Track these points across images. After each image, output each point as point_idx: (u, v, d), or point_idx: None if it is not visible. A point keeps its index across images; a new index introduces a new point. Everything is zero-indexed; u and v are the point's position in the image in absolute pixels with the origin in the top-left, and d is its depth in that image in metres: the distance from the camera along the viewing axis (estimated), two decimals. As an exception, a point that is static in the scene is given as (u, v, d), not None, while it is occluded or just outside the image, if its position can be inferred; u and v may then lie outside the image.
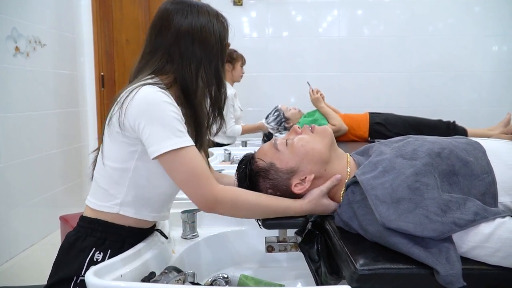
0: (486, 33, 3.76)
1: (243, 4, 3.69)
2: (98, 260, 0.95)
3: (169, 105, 0.91)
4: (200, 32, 1.01)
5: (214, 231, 1.28)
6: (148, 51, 1.03)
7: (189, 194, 0.92)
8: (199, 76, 1.00)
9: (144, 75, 1.00)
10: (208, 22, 1.02)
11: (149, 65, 1.02)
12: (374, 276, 0.72)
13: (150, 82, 0.95)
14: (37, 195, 2.85)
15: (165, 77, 1.01)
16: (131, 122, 0.91)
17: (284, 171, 0.96)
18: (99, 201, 1.00)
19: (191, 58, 1.00)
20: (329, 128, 1.01)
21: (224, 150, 2.32)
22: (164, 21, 1.01)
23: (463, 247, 0.75)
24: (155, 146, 0.89)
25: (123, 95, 0.94)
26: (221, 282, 1.05)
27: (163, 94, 0.92)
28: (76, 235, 1.00)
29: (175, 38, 1.00)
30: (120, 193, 0.97)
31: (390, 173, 0.83)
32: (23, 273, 2.34)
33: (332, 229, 0.93)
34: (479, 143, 0.92)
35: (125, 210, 0.98)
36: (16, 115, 2.64)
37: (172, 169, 0.91)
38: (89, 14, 3.62)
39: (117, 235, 0.98)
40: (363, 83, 3.81)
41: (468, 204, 0.76)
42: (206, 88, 1.03)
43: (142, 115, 0.90)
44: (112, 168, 0.97)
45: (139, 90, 0.92)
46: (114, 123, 0.94)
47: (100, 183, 1.00)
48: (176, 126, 0.90)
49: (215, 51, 1.04)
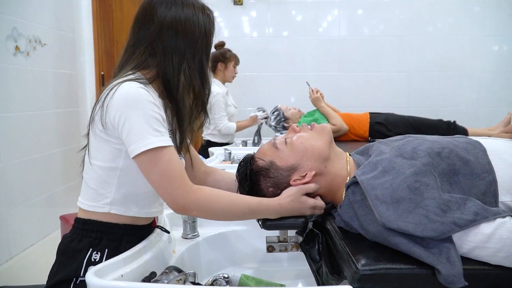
0: (486, 33, 3.76)
1: (243, 4, 3.68)
2: (96, 260, 0.95)
3: (148, 103, 0.90)
4: (184, 24, 0.98)
5: (214, 230, 1.27)
6: (131, 44, 1.01)
7: (161, 195, 0.92)
8: (181, 71, 0.98)
9: (127, 69, 0.99)
10: (193, 14, 1.00)
11: (132, 60, 1.00)
12: (376, 276, 0.72)
13: (131, 78, 0.94)
14: (37, 195, 2.85)
15: (147, 71, 0.99)
16: (111, 120, 0.90)
17: (285, 168, 0.96)
18: (89, 201, 0.99)
19: (174, 52, 0.98)
20: (328, 126, 1.01)
21: (225, 150, 2.32)
22: (147, 13, 0.99)
23: (464, 247, 0.75)
24: (133, 145, 0.88)
25: (104, 92, 0.93)
26: (222, 282, 1.04)
27: (143, 91, 0.90)
28: (71, 237, 1.00)
29: (158, 31, 0.98)
30: (110, 192, 0.97)
31: (390, 173, 0.83)
32: (23, 273, 2.34)
33: (333, 229, 0.93)
34: (480, 142, 0.92)
35: (116, 209, 0.98)
36: (16, 114, 2.63)
37: (146, 169, 0.90)
38: (89, 13, 3.62)
39: (113, 234, 0.98)
40: (363, 83, 3.81)
41: (468, 204, 0.76)
42: (188, 83, 1.00)
43: (121, 114, 0.89)
44: (100, 167, 0.97)
45: (118, 87, 0.90)
46: (97, 122, 0.93)
47: (89, 183, 0.99)
48: (154, 125, 0.89)
49: (199, 45, 1.01)
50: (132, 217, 1.00)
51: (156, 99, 0.96)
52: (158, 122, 0.90)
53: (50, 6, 3.06)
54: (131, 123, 0.88)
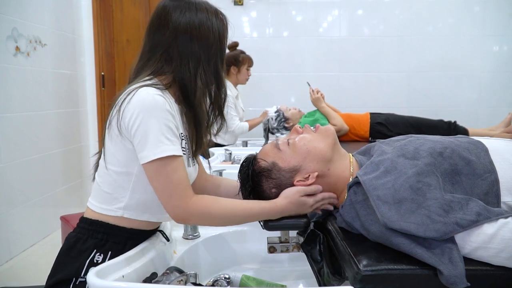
0: (486, 33, 3.76)
1: (244, 4, 3.68)
2: (98, 262, 0.95)
3: (163, 111, 0.90)
4: (198, 29, 0.99)
5: (215, 231, 1.27)
6: (147, 49, 1.02)
7: (162, 204, 0.92)
8: (197, 75, 0.99)
9: (144, 75, 0.99)
10: (207, 19, 1.01)
11: (148, 66, 1.01)
12: (377, 277, 0.72)
13: (149, 84, 0.94)
14: (37, 195, 2.85)
15: (164, 77, 1.00)
16: (126, 124, 0.91)
17: (287, 170, 0.96)
18: (102, 204, 0.99)
19: (190, 57, 0.99)
20: (332, 128, 1.01)
21: (225, 150, 2.31)
22: (162, 19, 1.00)
23: (466, 248, 0.75)
24: (144, 153, 0.89)
25: (121, 97, 0.93)
26: (223, 283, 1.04)
27: (160, 98, 0.91)
28: (76, 236, 0.99)
29: (173, 36, 0.98)
30: (124, 196, 0.97)
31: (392, 173, 0.83)
32: (24, 273, 2.33)
33: (334, 229, 0.92)
34: (481, 142, 0.92)
35: (129, 213, 0.98)
36: (16, 115, 2.63)
37: (152, 176, 0.91)
38: (89, 14, 3.61)
39: (118, 237, 0.98)
40: (363, 83, 3.81)
41: (470, 205, 0.76)
42: (205, 87, 1.01)
43: (136, 119, 0.89)
44: (116, 172, 0.97)
45: (136, 92, 0.91)
46: (113, 126, 0.94)
47: (103, 187, 0.99)
48: (166, 134, 0.89)
49: (214, 49, 1.02)
50: (141, 222, 0.99)
51: (173, 105, 0.97)
52: (170, 131, 0.91)
53: (50, 6, 3.06)
54: (145, 130, 0.89)
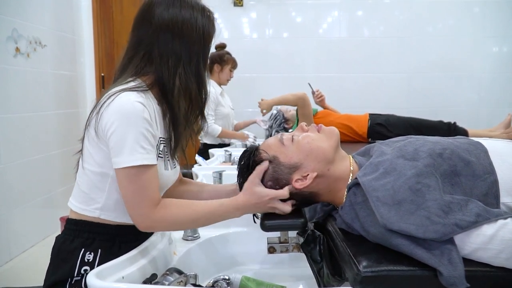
0: (486, 34, 3.76)
1: (244, 5, 3.69)
2: (89, 261, 0.96)
3: (141, 119, 0.89)
4: (181, 26, 0.97)
5: (215, 232, 1.27)
6: (131, 45, 1.01)
7: (128, 210, 0.92)
8: (176, 75, 0.97)
9: (127, 75, 0.98)
10: (191, 16, 0.98)
11: (132, 64, 0.99)
12: (378, 278, 0.72)
13: (131, 86, 0.93)
14: (37, 196, 2.85)
15: (147, 77, 0.99)
16: (103, 128, 0.90)
17: (287, 165, 0.95)
18: (80, 204, 0.99)
19: (170, 55, 0.97)
20: (336, 129, 1.01)
21: (225, 151, 2.31)
22: (145, 14, 0.98)
23: (465, 249, 0.75)
24: (116, 159, 0.89)
25: (102, 99, 0.93)
26: (223, 284, 1.04)
27: (139, 106, 0.89)
28: (63, 238, 1.00)
29: (155, 34, 0.96)
30: (101, 197, 0.97)
31: (391, 175, 0.83)
32: (23, 274, 2.33)
33: (334, 230, 0.92)
34: (481, 143, 0.92)
35: (106, 215, 0.98)
36: (16, 115, 2.63)
37: (122, 183, 0.90)
38: (89, 15, 3.62)
39: (106, 235, 0.98)
40: (363, 84, 3.81)
41: (470, 206, 0.76)
42: (184, 87, 0.98)
43: (111, 124, 0.88)
44: (92, 172, 0.97)
45: (116, 97, 0.90)
46: (91, 127, 0.94)
47: (81, 186, 0.99)
48: (141, 142, 0.88)
49: (197, 48, 0.99)
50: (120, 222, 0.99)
51: (155, 107, 0.96)
52: (146, 140, 0.90)
53: (50, 7, 3.06)
54: (120, 136, 0.88)
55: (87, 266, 0.96)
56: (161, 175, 0.98)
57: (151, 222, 0.91)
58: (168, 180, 1.04)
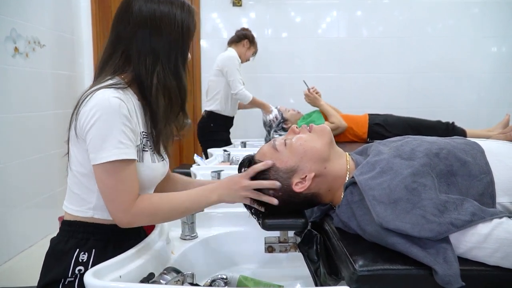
0: (485, 34, 3.76)
1: (243, 5, 3.69)
2: (83, 261, 0.96)
3: (117, 114, 0.88)
4: (159, 22, 0.95)
5: (213, 232, 1.27)
6: (110, 42, 1.00)
7: (106, 206, 0.92)
8: (154, 73, 0.96)
9: (105, 74, 0.98)
10: (170, 11, 0.96)
11: (110, 63, 0.99)
12: (373, 277, 0.72)
13: (108, 84, 0.93)
14: (36, 196, 2.85)
15: (126, 75, 0.98)
16: (81, 126, 0.90)
17: (284, 170, 0.95)
18: (73, 206, 1.00)
19: (148, 53, 0.95)
20: (327, 127, 1.01)
21: (224, 151, 2.32)
22: (123, 10, 0.98)
23: (461, 248, 0.75)
24: (93, 155, 0.88)
25: (80, 99, 0.92)
26: (220, 283, 1.04)
27: (115, 100, 0.89)
28: (58, 238, 1.00)
29: (133, 30, 0.95)
30: (92, 197, 0.97)
31: (387, 174, 0.83)
32: (22, 274, 2.33)
33: (331, 229, 0.93)
34: (478, 143, 0.92)
35: (99, 214, 0.98)
36: (15, 115, 2.63)
37: (99, 178, 0.90)
38: (88, 15, 3.62)
39: (99, 234, 0.98)
40: (362, 84, 3.81)
41: (465, 205, 0.77)
42: (162, 85, 0.97)
43: (89, 121, 0.88)
44: (79, 173, 0.97)
45: (93, 95, 0.90)
46: (72, 128, 0.94)
47: (72, 188, 1.00)
48: (118, 137, 0.88)
49: (175, 45, 0.97)
50: None
51: (134, 103, 0.96)
52: (124, 134, 0.89)
53: (49, 7, 3.06)
54: (97, 132, 0.88)
55: (81, 266, 0.96)
56: (149, 168, 0.99)
57: (131, 216, 0.91)
58: (157, 172, 1.03)
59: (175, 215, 1.00)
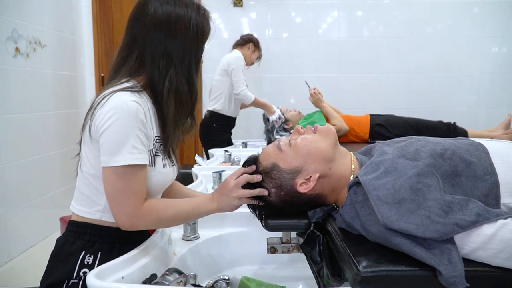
0: (485, 34, 3.76)
1: (243, 5, 3.69)
2: (88, 263, 0.95)
3: (134, 119, 0.88)
4: (174, 25, 0.95)
5: (215, 232, 1.27)
6: (124, 45, 1.00)
7: (111, 210, 0.92)
8: (167, 76, 0.95)
9: (121, 76, 0.98)
10: (185, 14, 0.95)
11: (126, 65, 0.98)
12: (377, 278, 0.72)
13: (125, 87, 0.93)
14: (37, 196, 2.84)
15: (141, 78, 0.98)
16: (96, 127, 0.90)
17: (288, 171, 0.95)
18: (81, 207, 0.99)
19: (161, 56, 0.95)
20: (332, 127, 1.01)
21: (225, 152, 2.32)
22: (139, 12, 0.97)
23: (465, 249, 0.75)
24: (105, 157, 0.88)
25: (96, 100, 0.92)
26: (222, 284, 1.04)
27: (133, 104, 0.88)
28: (64, 239, 1.00)
29: (148, 32, 0.95)
30: (102, 199, 0.96)
31: (392, 174, 0.83)
32: (23, 274, 2.33)
33: (334, 230, 0.92)
34: (482, 144, 0.92)
35: (107, 216, 0.97)
36: (15, 116, 2.63)
37: (107, 181, 0.90)
38: (89, 15, 3.62)
39: (106, 237, 0.98)
40: (362, 84, 3.81)
41: (470, 205, 0.76)
42: (174, 89, 0.97)
43: (104, 123, 0.88)
44: (90, 175, 0.96)
45: (110, 97, 0.89)
46: (86, 129, 0.93)
47: (81, 189, 0.99)
48: (132, 141, 0.88)
49: (189, 48, 0.97)
50: None
51: (150, 108, 0.96)
52: (138, 139, 0.89)
53: (50, 7, 3.06)
54: (111, 135, 0.87)
55: (86, 269, 0.95)
56: (160, 173, 0.99)
57: (136, 219, 0.91)
58: (168, 177, 1.03)
59: (177, 223, 1.02)
